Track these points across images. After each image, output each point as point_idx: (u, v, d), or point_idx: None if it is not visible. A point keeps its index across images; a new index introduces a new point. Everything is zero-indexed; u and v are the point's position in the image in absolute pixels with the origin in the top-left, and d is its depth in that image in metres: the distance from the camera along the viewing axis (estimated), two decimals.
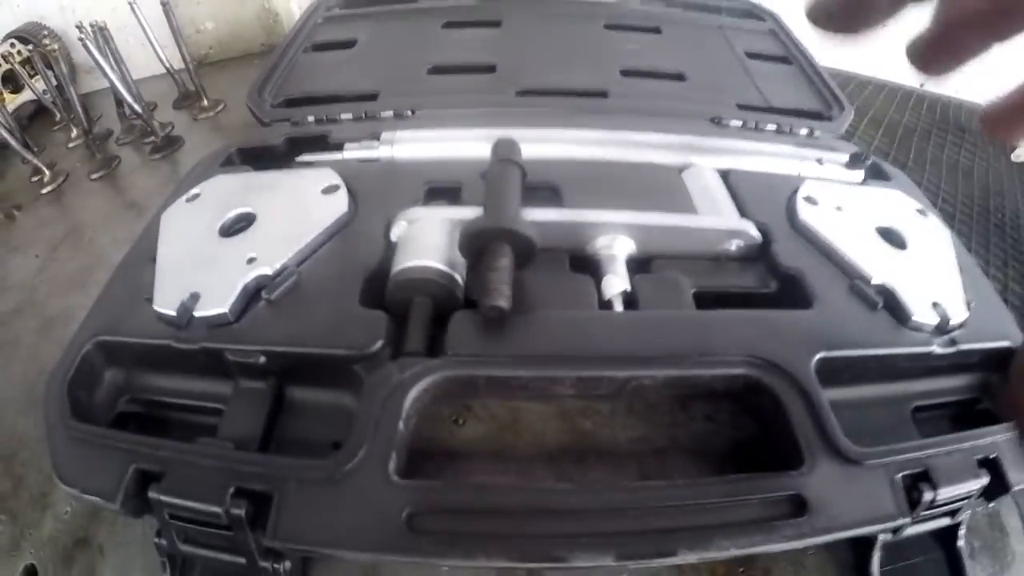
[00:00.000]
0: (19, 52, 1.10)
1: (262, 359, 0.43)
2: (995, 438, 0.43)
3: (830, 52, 1.19)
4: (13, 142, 0.92)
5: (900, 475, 0.40)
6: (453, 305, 0.45)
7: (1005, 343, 0.49)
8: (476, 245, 0.43)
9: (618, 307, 0.46)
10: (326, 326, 0.43)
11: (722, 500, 0.38)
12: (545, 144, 0.59)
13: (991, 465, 0.42)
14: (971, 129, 1.13)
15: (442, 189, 0.55)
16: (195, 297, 0.46)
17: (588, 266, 0.49)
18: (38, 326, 0.73)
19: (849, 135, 0.97)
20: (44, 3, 1.16)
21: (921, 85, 1.22)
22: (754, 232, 0.53)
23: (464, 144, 0.58)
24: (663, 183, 0.58)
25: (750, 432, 0.48)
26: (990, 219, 0.92)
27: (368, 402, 0.39)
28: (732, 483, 0.40)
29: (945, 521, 0.44)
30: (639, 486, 0.43)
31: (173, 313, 0.45)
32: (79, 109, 0.95)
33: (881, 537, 0.44)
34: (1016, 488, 0.42)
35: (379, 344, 0.42)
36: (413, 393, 0.40)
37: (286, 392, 0.46)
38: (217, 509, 0.36)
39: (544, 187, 0.54)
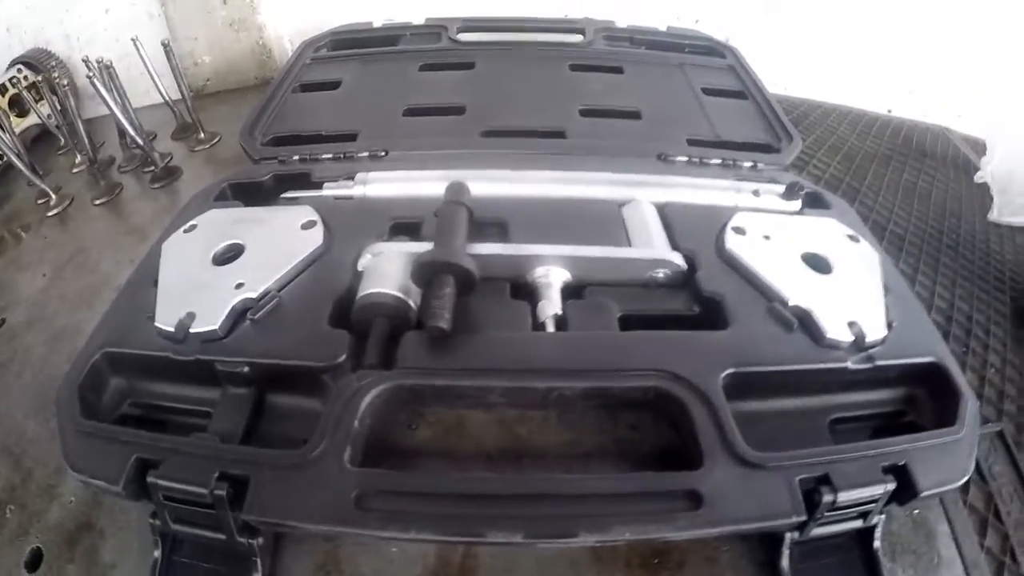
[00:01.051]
0: (25, 77, 1.25)
1: (246, 369, 0.55)
2: (907, 446, 0.50)
3: (800, 81, 1.31)
4: (21, 166, 1.05)
5: (799, 478, 0.47)
6: (407, 326, 0.56)
7: (928, 359, 0.57)
8: (425, 275, 0.55)
9: (550, 329, 0.57)
10: (299, 342, 0.55)
11: (625, 492, 0.48)
12: (500, 183, 0.71)
13: (900, 471, 0.49)
14: (933, 153, 1.24)
15: (405, 224, 0.67)
16: (191, 316, 0.58)
17: (526, 294, 0.61)
18: (47, 339, 0.86)
19: (804, 163, 1.09)
20: (50, 31, 1.32)
21: (888, 111, 1.34)
22: (679, 261, 0.63)
23: (428, 184, 0.70)
24: (602, 217, 0.69)
25: (669, 440, 0.57)
26: (943, 240, 1.02)
27: (331, 404, 0.51)
28: (635, 479, 0.50)
29: (858, 523, 0.51)
30: (552, 478, 0.53)
31: (172, 329, 0.57)
32: (84, 137, 1.09)
33: (788, 535, 0.51)
34: (926, 494, 0.49)
35: (342, 358, 0.53)
36: (368, 398, 0.51)
37: (266, 397, 0.58)
38: (203, 490, 0.46)
39: (493, 223, 0.66)
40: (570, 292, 0.62)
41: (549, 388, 0.53)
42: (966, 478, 0.51)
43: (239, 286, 0.60)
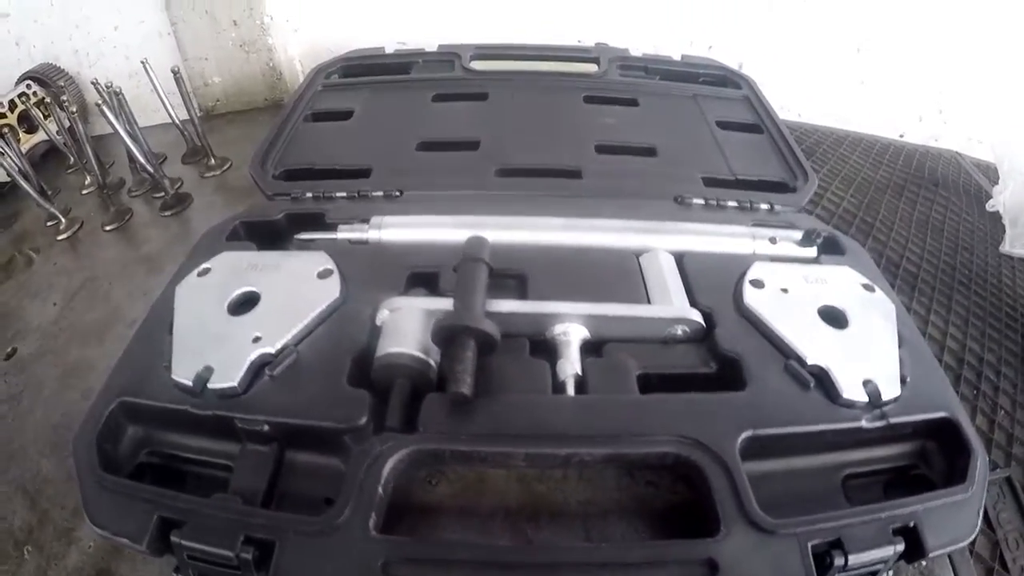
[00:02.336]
0: (35, 93, 1.24)
1: (265, 427, 0.55)
2: (916, 507, 0.51)
3: (813, 106, 1.31)
4: (30, 189, 1.05)
5: (812, 543, 0.48)
6: (427, 385, 0.57)
7: (940, 414, 0.58)
8: (445, 337, 0.55)
9: (570, 390, 0.57)
10: (319, 402, 0.55)
11: (643, 562, 0.48)
12: (517, 231, 0.71)
13: (909, 532, 0.50)
14: (944, 182, 1.24)
15: (422, 275, 0.67)
16: (209, 370, 0.58)
17: (546, 350, 0.61)
18: (59, 373, 0.86)
19: (819, 196, 1.09)
20: (59, 46, 1.31)
21: (900, 135, 1.34)
22: (696, 318, 0.63)
23: (444, 230, 0.70)
24: (620, 269, 0.69)
25: (686, 496, 0.58)
26: (955, 276, 1.02)
27: (353, 470, 0.51)
28: (654, 547, 0.51)
29: None
30: (573, 548, 0.54)
31: (190, 383, 0.57)
32: (92, 159, 1.09)
33: None
34: (934, 554, 0.50)
35: (363, 420, 0.53)
36: (390, 463, 0.52)
37: (286, 454, 0.58)
38: (229, 553, 0.47)
39: (511, 274, 0.66)
40: (589, 348, 0.62)
41: (570, 454, 0.53)
42: (974, 536, 0.52)
43: (256, 340, 0.60)
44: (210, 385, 0.57)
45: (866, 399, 0.57)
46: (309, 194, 0.80)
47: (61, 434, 0.79)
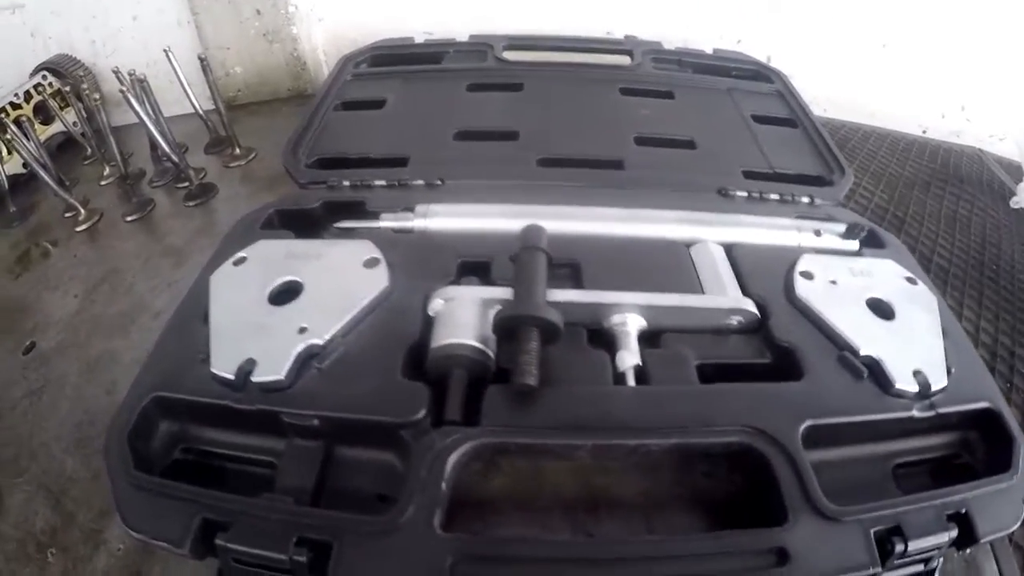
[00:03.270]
0: (51, 84, 1.21)
1: (315, 422, 0.53)
2: (966, 494, 0.51)
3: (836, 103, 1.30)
4: (48, 179, 1.01)
5: (874, 530, 0.48)
6: (485, 376, 0.54)
7: (983, 404, 0.58)
8: (508, 327, 0.53)
9: (630, 380, 0.55)
10: (373, 395, 0.53)
11: (716, 552, 0.47)
12: (567, 220, 0.69)
13: (962, 519, 0.50)
14: (969, 178, 1.23)
15: (473, 264, 0.65)
16: (251, 362, 0.55)
17: (604, 340, 0.59)
18: (81, 368, 0.83)
19: (852, 192, 1.08)
20: (76, 37, 1.28)
21: (923, 131, 1.34)
22: (752, 309, 0.62)
23: (493, 219, 0.68)
24: (672, 260, 0.67)
25: (742, 486, 0.57)
26: (984, 271, 1.02)
27: (416, 466, 0.48)
28: (724, 538, 0.49)
29: (919, 568, 0.52)
30: (643, 540, 0.52)
31: (231, 376, 0.54)
32: (114, 148, 1.05)
33: None
34: (984, 539, 0.50)
35: (422, 413, 0.51)
36: (453, 458, 0.49)
37: (335, 450, 0.55)
38: (282, 556, 0.44)
39: (566, 264, 0.64)
40: (646, 338, 0.60)
41: (637, 445, 0.51)
42: (1018, 523, 0.52)
43: (302, 331, 0.57)
44: (253, 378, 0.54)
45: (916, 389, 0.57)
46: (346, 182, 0.78)
47: (85, 430, 0.76)
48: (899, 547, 0.47)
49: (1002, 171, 1.29)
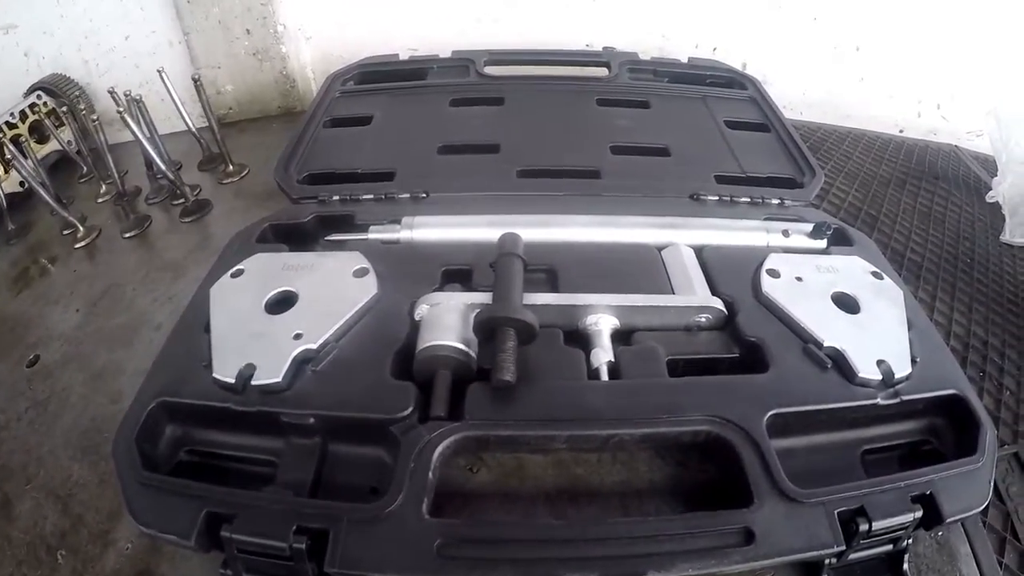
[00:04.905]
0: (45, 104, 1.26)
1: (311, 420, 0.58)
2: (932, 476, 0.56)
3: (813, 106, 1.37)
4: (47, 197, 1.07)
5: (838, 511, 0.53)
6: (468, 375, 0.60)
7: (950, 391, 0.63)
8: (487, 328, 0.58)
9: (604, 376, 0.61)
10: (365, 394, 0.58)
11: (685, 532, 0.52)
12: (544, 229, 0.75)
13: (927, 500, 0.55)
14: (944, 175, 1.29)
15: (456, 272, 0.71)
16: (251, 367, 0.60)
17: (579, 340, 0.65)
18: (86, 378, 0.87)
19: (825, 192, 1.14)
20: (69, 56, 1.33)
21: (900, 131, 1.40)
22: (720, 307, 0.68)
23: (474, 229, 0.74)
24: (644, 263, 0.73)
25: (713, 474, 0.63)
26: (958, 264, 1.07)
27: (404, 457, 0.54)
28: (694, 519, 0.54)
29: (889, 548, 0.57)
30: (618, 521, 0.57)
31: (232, 381, 0.60)
32: (111, 166, 1.11)
33: (827, 562, 0.57)
34: (950, 520, 0.55)
35: (410, 410, 0.57)
36: (439, 449, 0.54)
37: (330, 447, 0.61)
38: (282, 544, 0.49)
39: (544, 269, 0.70)
40: (618, 337, 0.66)
41: (609, 435, 0.57)
42: (986, 504, 0.57)
43: (297, 336, 0.63)
44: (253, 382, 0.59)
45: (880, 377, 0.62)
46: (336, 197, 0.84)
47: (91, 438, 0.80)
48: (863, 527, 0.52)
49: (978, 166, 1.35)
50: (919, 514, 0.54)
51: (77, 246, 1.07)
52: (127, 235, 1.06)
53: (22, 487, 0.77)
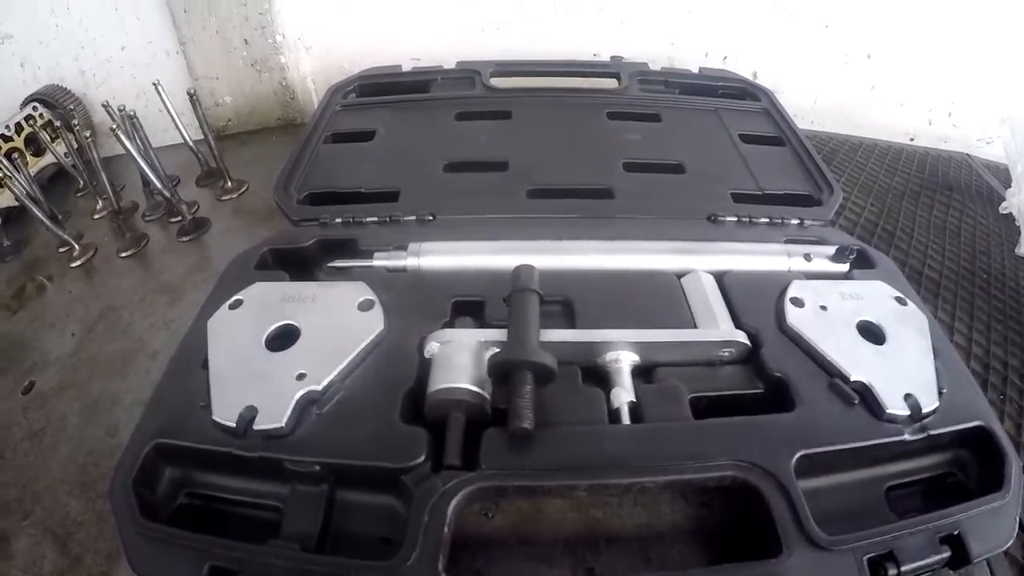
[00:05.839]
0: (41, 115, 1.21)
1: (317, 468, 0.54)
2: (959, 516, 0.53)
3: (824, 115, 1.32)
4: (40, 215, 1.02)
5: (867, 556, 0.50)
6: (482, 419, 0.56)
7: (975, 423, 0.60)
8: (502, 371, 0.54)
9: (625, 417, 0.57)
10: (373, 441, 0.54)
11: None
12: (558, 255, 0.70)
13: (955, 540, 0.52)
14: (957, 185, 1.25)
15: (467, 303, 0.67)
16: (252, 410, 0.56)
17: (598, 377, 0.61)
18: (82, 408, 0.84)
19: (841, 207, 1.10)
20: (65, 67, 1.28)
21: (911, 139, 1.36)
22: (744, 341, 0.64)
23: (484, 256, 0.70)
24: (663, 293, 0.69)
25: (738, 516, 0.59)
26: (975, 281, 1.04)
27: (418, 510, 0.50)
28: (720, 572, 0.51)
29: None
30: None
31: (232, 424, 0.56)
32: (106, 183, 1.06)
33: None
34: (977, 560, 0.52)
35: (421, 458, 0.53)
36: (454, 502, 0.51)
37: (337, 494, 0.57)
38: None
39: (559, 301, 0.66)
40: (639, 372, 0.62)
41: (632, 483, 0.53)
42: (1012, 541, 0.54)
43: (301, 377, 0.59)
44: (255, 426, 0.55)
45: (908, 413, 0.59)
46: (338, 219, 0.79)
47: (89, 472, 0.77)
48: (892, 572, 0.49)
49: (990, 175, 1.31)
50: (947, 555, 0.52)
51: (73, 265, 1.03)
52: (123, 254, 1.01)
53: (19, 523, 0.73)
